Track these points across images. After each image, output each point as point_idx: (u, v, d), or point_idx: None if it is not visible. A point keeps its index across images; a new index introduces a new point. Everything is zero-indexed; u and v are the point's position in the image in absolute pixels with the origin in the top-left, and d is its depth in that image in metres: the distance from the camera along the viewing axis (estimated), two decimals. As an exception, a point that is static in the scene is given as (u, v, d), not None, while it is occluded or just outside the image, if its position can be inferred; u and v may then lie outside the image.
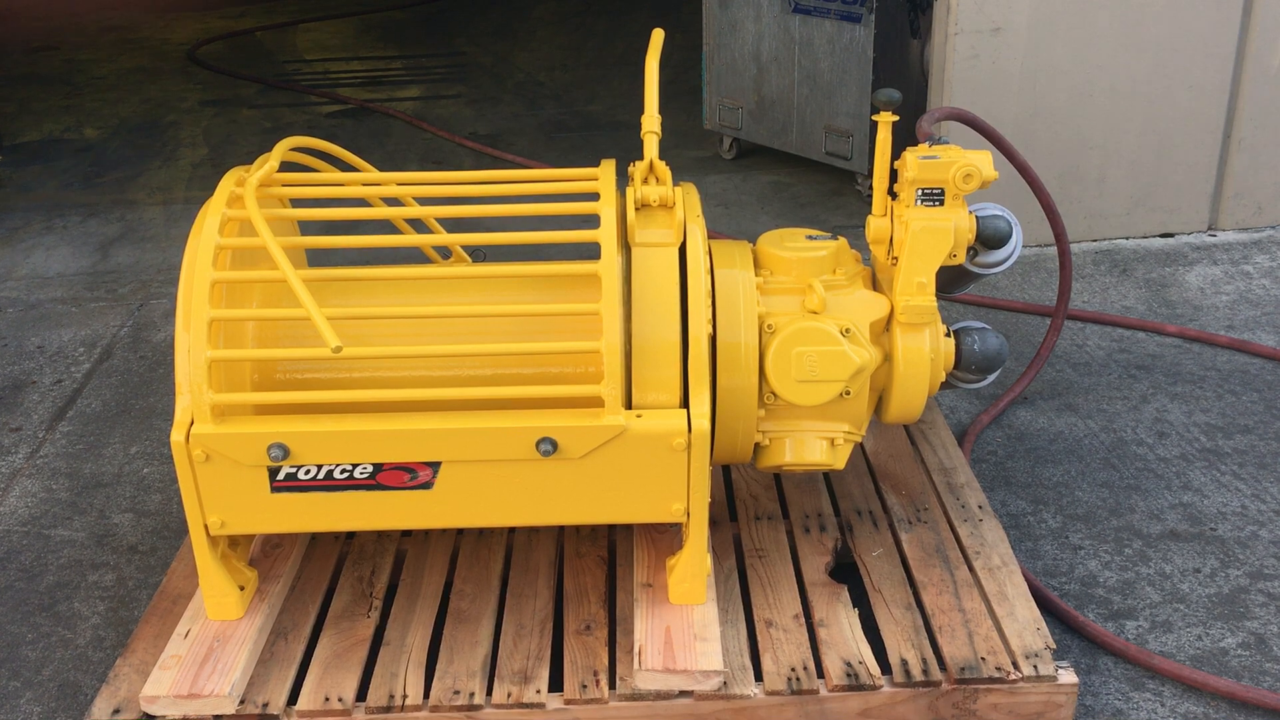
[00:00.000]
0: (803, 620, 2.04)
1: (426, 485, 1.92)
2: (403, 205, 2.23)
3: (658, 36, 2.21)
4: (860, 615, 2.05)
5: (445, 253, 2.39)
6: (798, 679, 1.91)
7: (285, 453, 1.88)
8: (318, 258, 3.49)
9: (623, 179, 2.10)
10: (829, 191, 4.49)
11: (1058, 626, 2.21)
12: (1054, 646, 1.95)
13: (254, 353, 1.96)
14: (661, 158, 2.08)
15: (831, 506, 2.36)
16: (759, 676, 1.93)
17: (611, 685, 1.92)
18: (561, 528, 2.29)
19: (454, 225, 3.29)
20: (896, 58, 4.12)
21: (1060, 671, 1.92)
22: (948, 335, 2.17)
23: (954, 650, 1.96)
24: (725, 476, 2.46)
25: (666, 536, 2.20)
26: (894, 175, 2.15)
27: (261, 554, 2.20)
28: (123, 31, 7.96)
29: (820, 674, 1.93)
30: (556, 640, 2.03)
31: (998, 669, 1.91)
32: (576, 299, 1.97)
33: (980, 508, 2.33)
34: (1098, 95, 3.76)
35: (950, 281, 2.29)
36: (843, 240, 2.16)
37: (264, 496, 1.92)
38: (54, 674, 2.20)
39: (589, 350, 1.88)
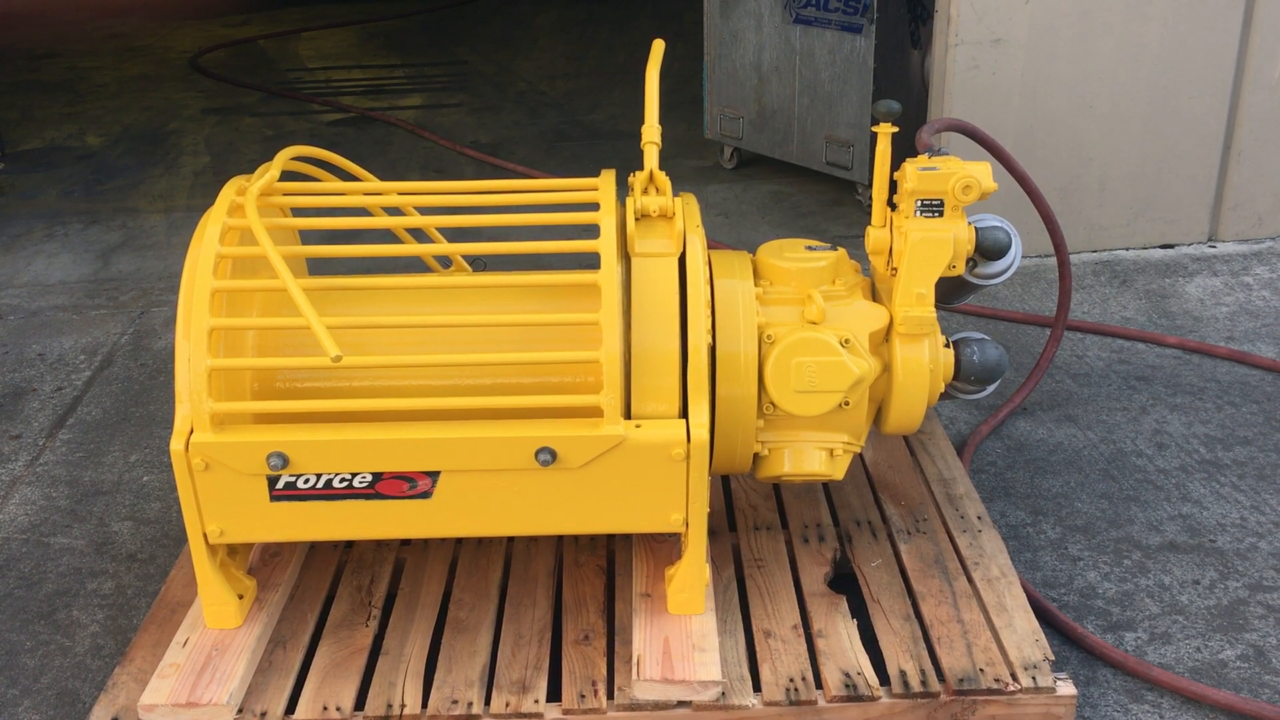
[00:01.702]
0: (801, 631, 2.04)
1: (425, 495, 1.92)
2: (404, 214, 2.23)
3: (658, 47, 2.21)
4: (859, 626, 2.05)
5: (446, 262, 2.40)
6: (796, 690, 1.91)
7: (285, 461, 1.88)
8: (318, 267, 3.51)
9: (623, 189, 2.10)
10: (829, 201, 4.50)
11: (1056, 638, 2.21)
12: (1053, 658, 1.95)
13: (254, 361, 1.97)
14: (662, 167, 2.08)
15: (830, 517, 2.36)
16: (757, 687, 1.93)
17: (610, 695, 1.91)
18: (560, 537, 2.29)
19: (455, 234, 3.29)
20: (897, 68, 4.13)
21: (1059, 683, 1.91)
22: (947, 346, 2.17)
23: (952, 661, 1.96)
24: (724, 487, 2.46)
25: (665, 546, 2.20)
26: (894, 186, 2.15)
27: (260, 562, 2.20)
28: (125, 39, 7.98)
29: (819, 684, 1.93)
30: (555, 650, 2.03)
31: (996, 680, 1.91)
32: (576, 309, 1.97)
33: (979, 518, 2.33)
34: (1098, 106, 3.76)
35: (949, 292, 2.30)
36: (842, 251, 2.17)
37: (263, 505, 1.92)
38: (52, 682, 2.20)
39: (588, 360, 1.88)
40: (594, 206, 2.02)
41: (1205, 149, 3.87)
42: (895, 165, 2.13)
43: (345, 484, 1.91)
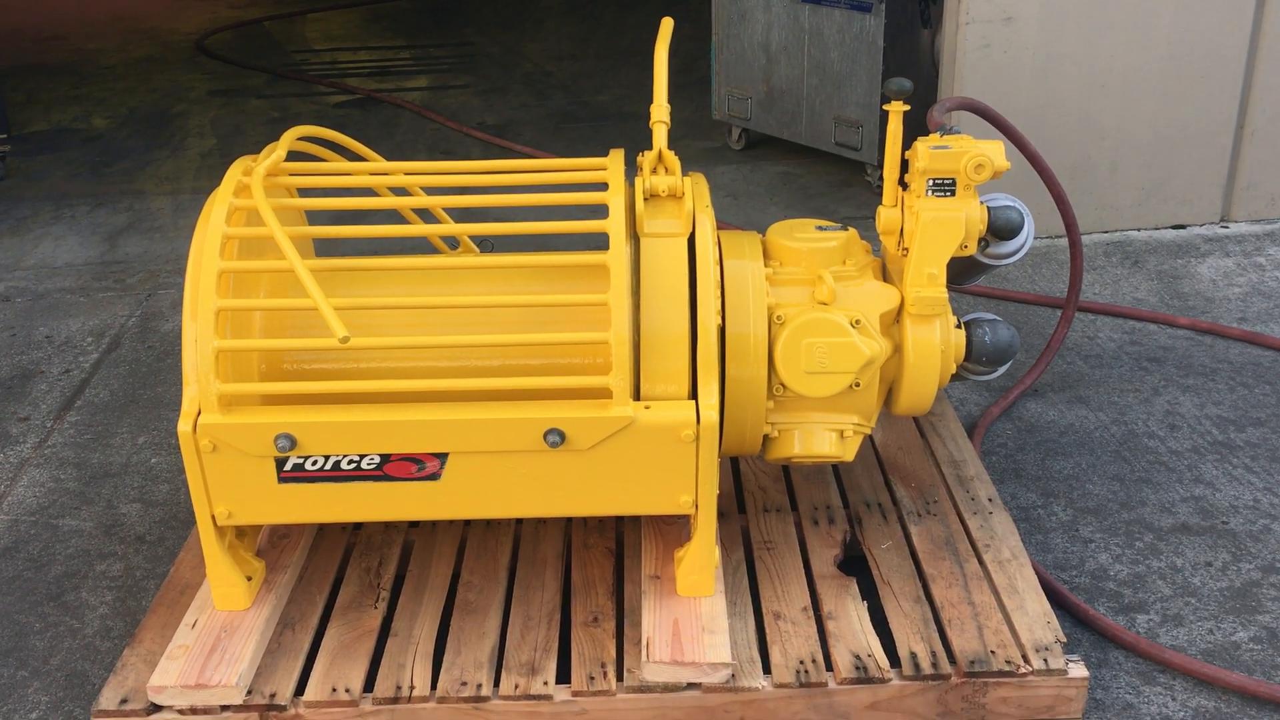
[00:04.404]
0: (811, 613, 2.03)
1: (434, 476, 1.92)
2: (410, 195, 2.22)
3: (667, 25, 2.19)
4: (869, 608, 2.04)
5: (453, 243, 2.38)
6: (806, 671, 1.90)
7: (292, 443, 1.87)
8: (325, 247, 3.49)
9: (631, 169, 2.09)
10: (838, 182, 4.48)
11: (1068, 620, 2.20)
12: (1064, 640, 1.94)
13: (261, 343, 1.96)
14: (670, 148, 2.07)
15: (840, 499, 2.35)
16: (767, 669, 1.92)
17: (619, 677, 1.91)
18: (569, 519, 2.28)
19: (461, 215, 3.28)
20: (907, 47, 4.09)
21: (1070, 665, 1.90)
22: (958, 327, 2.15)
23: (963, 643, 1.95)
24: (733, 468, 2.45)
25: (675, 528, 2.19)
26: (905, 165, 2.13)
27: (269, 544, 2.20)
28: (131, 21, 7.96)
29: (829, 666, 1.92)
30: (564, 632, 2.02)
31: (1007, 662, 1.90)
32: (585, 289, 1.96)
33: (990, 500, 2.31)
34: (1110, 85, 3.73)
35: (961, 273, 2.28)
36: (853, 231, 2.15)
37: (271, 487, 1.92)
38: (62, 663, 2.20)
39: (597, 341, 1.87)
40: (602, 186, 2.01)
41: (1218, 128, 3.84)
42: (906, 144, 2.11)
43: (353, 466, 1.90)
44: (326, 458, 1.90)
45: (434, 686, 1.90)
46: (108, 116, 5.76)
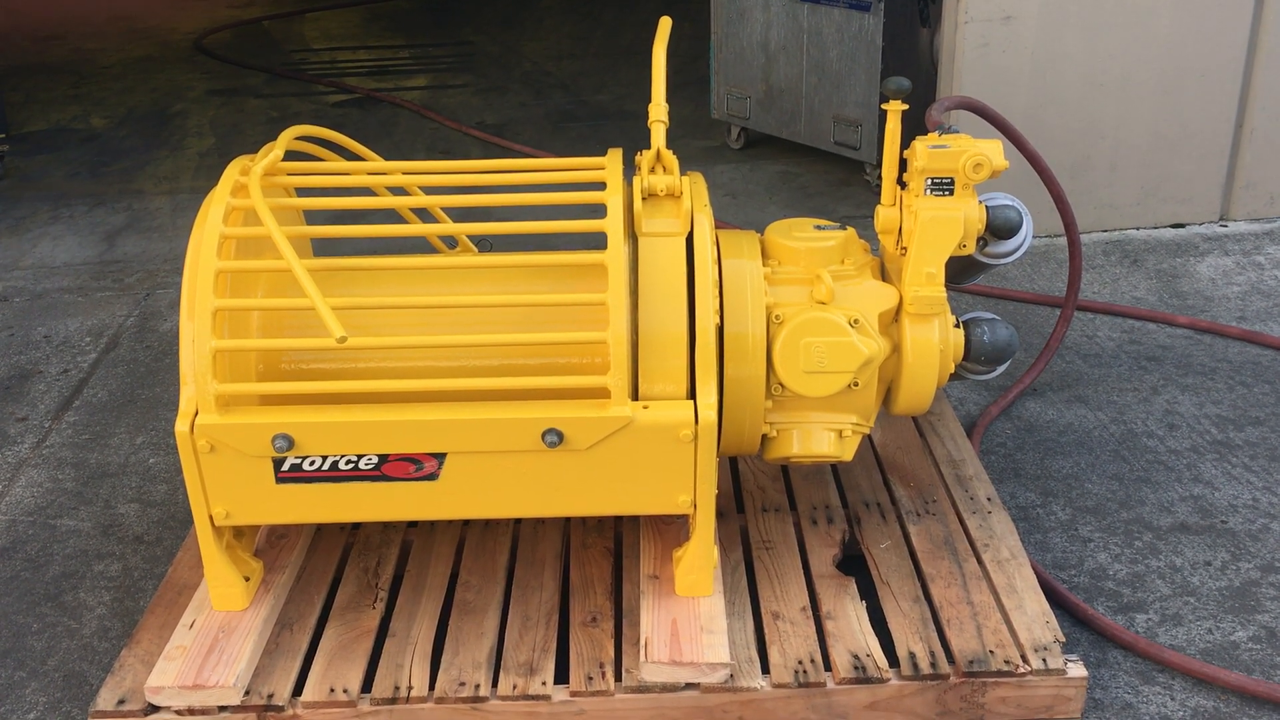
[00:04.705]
0: (810, 612, 2.03)
1: (432, 476, 1.91)
2: (409, 195, 2.22)
3: (665, 24, 2.19)
4: (868, 608, 2.04)
5: (451, 242, 2.38)
6: (805, 671, 1.90)
7: (290, 443, 1.87)
8: (323, 247, 3.49)
9: (630, 168, 2.09)
10: (837, 181, 4.47)
11: (1067, 619, 2.20)
12: (1063, 639, 1.94)
13: (259, 343, 1.96)
14: (669, 147, 2.06)
15: (839, 498, 2.34)
16: (766, 669, 1.92)
17: (618, 677, 1.91)
18: (567, 519, 2.28)
19: (460, 215, 3.27)
20: (906, 46, 4.09)
21: (1069, 665, 1.90)
22: (957, 326, 2.15)
23: (962, 643, 1.94)
24: (732, 468, 2.44)
25: (673, 528, 2.19)
26: (903, 164, 2.13)
27: (267, 544, 2.19)
28: (130, 21, 7.95)
29: (828, 666, 1.92)
30: (562, 632, 2.02)
31: (1006, 662, 1.90)
32: (583, 289, 1.95)
33: (989, 500, 2.31)
34: (1109, 84, 3.73)
35: (959, 272, 2.28)
36: (851, 230, 2.15)
37: (269, 487, 1.91)
38: (59, 664, 2.19)
39: (595, 341, 1.87)
40: (600, 186, 2.01)
41: (1217, 127, 3.84)
42: (905, 143, 2.11)
43: (351, 466, 1.90)
44: (324, 458, 1.90)
45: (432, 687, 1.90)
46: (106, 116, 5.75)
